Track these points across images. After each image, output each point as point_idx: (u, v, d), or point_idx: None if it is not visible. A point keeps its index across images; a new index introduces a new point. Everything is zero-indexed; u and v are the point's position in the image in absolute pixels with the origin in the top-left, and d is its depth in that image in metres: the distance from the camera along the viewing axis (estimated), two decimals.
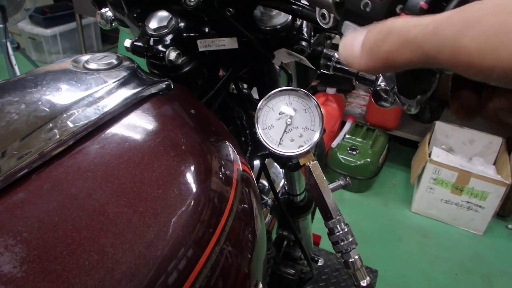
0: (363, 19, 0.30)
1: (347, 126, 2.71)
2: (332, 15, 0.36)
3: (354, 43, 0.28)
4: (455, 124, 2.54)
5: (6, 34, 2.34)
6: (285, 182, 0.98)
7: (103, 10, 0.65)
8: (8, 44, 2.35)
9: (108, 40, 3.85)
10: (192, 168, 0.39)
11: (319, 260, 1.55)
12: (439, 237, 2.24)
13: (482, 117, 0.29)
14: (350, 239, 0.53)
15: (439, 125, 2.57)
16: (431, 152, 2.33)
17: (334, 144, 2.57)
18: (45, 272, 0.28)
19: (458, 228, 2.30)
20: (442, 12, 0.24)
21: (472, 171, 2.15)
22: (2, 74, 3.06)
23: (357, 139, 2.57)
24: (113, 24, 0.68)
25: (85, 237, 0.31)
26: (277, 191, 1.05)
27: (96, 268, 0.30)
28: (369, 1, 0.30)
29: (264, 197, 1.02)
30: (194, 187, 0.38)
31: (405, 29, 0.24)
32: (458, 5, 0.27)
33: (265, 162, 0.78)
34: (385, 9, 0.29)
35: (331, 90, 2.72)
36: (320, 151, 1.40)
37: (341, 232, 0.52)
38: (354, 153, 2.49)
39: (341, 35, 0.34)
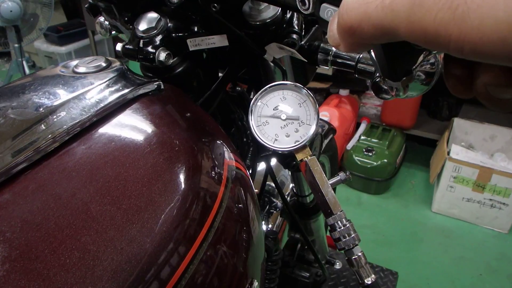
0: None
1: (362, 127, 2.67)
2: (311, 0, 0.35)
3: (332, 26, 0.28)
4: (474, 120, 2.48)
5: (22, 53, 2.40)
6: (293, 184, 0.97)
7: (101, 19, 0.66)
8: (24, 62, 2.41)
9: None
10: (179, 165, 0.39)
11: (337, 263, 1.53)
12: (462, 237, 2.18)
13: (476, 96, 0.28)
14: (353, 235, 0.51)
15: (457, 122, 2.51)
16: (450, 150, 2.28)
17: (349, 146, 2.54)
18: (26, 271, 0.28)
19: (481, 227, 2.23)
20: None
21: (493, 168, 2.09)
22: None
23: (373, 140, 2.53)
24: (113, 32, 0.69)
25: (67, 235, 0.31)
26: (287, 194, 1.04)
27: (77, 265, 0.29)
28: None
29: (274, 199, 1.01)
30: (180, 184, 0.37)
31: (363, 5, 0.24)
32: None
33: (274, 165, 0.77)
34: None
35: (344, 92, 2.70)
36: (333, 152, 1.38)
37: (342, 228, 0.51)
38: (370, 154, 2.45)
39: (320, 19, 0.33)
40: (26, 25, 2.43)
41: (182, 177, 0.38)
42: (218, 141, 0.48)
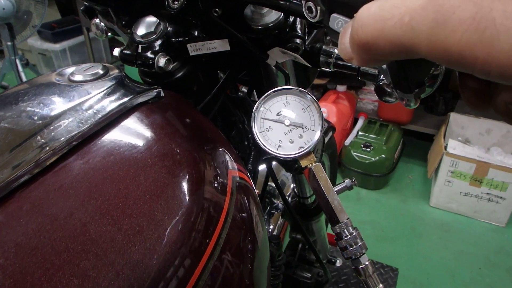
0: (349, 8, 0.28)
1: (360, 123, 2.66)
2: (318, 8, 0.34)
3: (344, 38, 0.27)
4: (470, 115, 2.48)
5: (15, 51, 2.37)
6: (295, 185, 0.96)
7: (96, 20, 0.64)
8: (17, 61, 2.37)
9: None
10: (182, 178, 0.37)
11: (337, 261, 1.52)
12: (461, 231, 2.18)
13: (494, 110, 0.26)
14: (360, 244, 0.50)
15: (454, 117, 2.51)
16: (447, 144, 2.27)
17: (347, 142, 2.53)
18: None
19: (479, 220, 2.24)
20: None
21: (490, 162, 2.09)
22: None
23: (371, 135, 2.52)
24: (109, 34, 0.67)
25: (64, 260, 0.29)
26: (288, 194, 1.02)
27: None
28: None
29: (275, 200, 1.00)
30: (183, 199, 0.35)
31: (380, 21, 0.22)
32: None
33: (274, 165, 0.75)
34: None
35: (341, 88, 2.68)
36: (332, 150, 1.37)
37: (349, 236, 0.49)
38: (368, 150, 2.44)
39: (329, 29, 0.31)
40: (19, 22, 2.39)
41: (185, 192, 0.36)
42: (220, 149, 0.47)
